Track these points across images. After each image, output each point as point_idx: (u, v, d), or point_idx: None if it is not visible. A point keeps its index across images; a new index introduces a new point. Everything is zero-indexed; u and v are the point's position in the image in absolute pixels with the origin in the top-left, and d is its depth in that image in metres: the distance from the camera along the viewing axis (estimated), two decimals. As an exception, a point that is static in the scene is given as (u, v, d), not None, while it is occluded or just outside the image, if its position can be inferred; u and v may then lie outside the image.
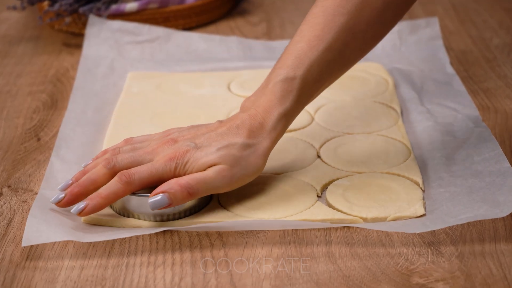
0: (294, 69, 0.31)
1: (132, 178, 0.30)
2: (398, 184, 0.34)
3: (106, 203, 0.30)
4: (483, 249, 0.30)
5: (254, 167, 0.31)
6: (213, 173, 0.30)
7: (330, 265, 0.30)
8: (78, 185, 0.31)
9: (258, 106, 0.32)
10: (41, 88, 0.45)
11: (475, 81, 0.44)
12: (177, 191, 0.30)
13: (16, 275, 0.30)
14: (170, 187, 0.30)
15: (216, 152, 0.30)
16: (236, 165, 0.30)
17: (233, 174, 0.30)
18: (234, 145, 0.30)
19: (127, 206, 0.31)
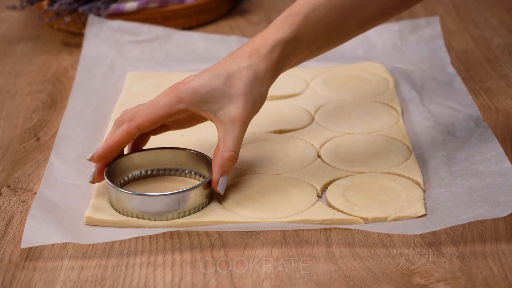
0: (299, 7, 0.32)
1: (135, 115, 0.31)
2: (399, 184, 0.34)
3: (114, 142, 0.32)
4: (484, 249, 0.30)
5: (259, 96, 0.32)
6: (238, 127, 0.31)
7: (330, 265, 0.29)
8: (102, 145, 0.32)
9: (256, 37, 0.33)
10: (41, 88, 0.45)
11: (476, 80, 0.44)
12: (230, 166, 0.31)
13: (15, 275, 0.29)
14: (223, 165, 0.31)
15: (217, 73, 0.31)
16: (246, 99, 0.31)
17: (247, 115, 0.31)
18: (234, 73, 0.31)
19: (131, 206, 0.32)
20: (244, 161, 0.36)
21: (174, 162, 0.34)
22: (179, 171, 0.34)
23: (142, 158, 0.34)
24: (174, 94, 0.31)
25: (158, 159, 0.34)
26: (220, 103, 0.31)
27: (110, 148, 0.32)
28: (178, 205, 0.31)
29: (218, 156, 0.31)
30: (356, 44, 0.48)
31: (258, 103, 0.32)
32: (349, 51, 0.48)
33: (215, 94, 0.31)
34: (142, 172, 0.34)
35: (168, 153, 0.34)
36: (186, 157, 0.34)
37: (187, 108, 0.32)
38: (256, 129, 0.39)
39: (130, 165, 0.34)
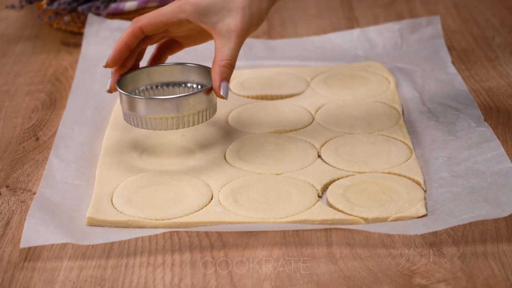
0: None
1: (140, 18, 0.34)
2: (400, 184, 0.34)
3: (122, 43, 0.34)
4: (485, 249, 0.30)
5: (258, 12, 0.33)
6: (234, 38, 0.33)
7: (331, 265, 0.29)
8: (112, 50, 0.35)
9: None
10: (40, 88, 0.45)
11: (477, 80, 0.44)
12: (228, 72, 0.33)
13: (14, 275, 0.29)
14: (221, 72, 0.33)
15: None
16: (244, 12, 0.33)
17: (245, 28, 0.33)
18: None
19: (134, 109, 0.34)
20: (244, 161, 0.36)
21: (185, 76, 0.36)
22: (188, 85, 0.36)
23: (156, 72, 0.36)
24: (177, 4, 0.34)
25: (172, 72, 0.36)
26: (220, 15, 0.33)
27: (119, 50, 0.34)
28: (177, 110, 0.33)
29: (216, 65, 0.33)
30: (357, 44, 0.48)
31: (256, 18, 0.33)
32: (349, 51, 0.48)
33: (215, 6, 0.33)
34: (154, 86, 0.36)
35: (179, 68, 0.36)
36: (196, 72, 0.36)
37: (188, 18, 0.33)
38: (256, 129, 0.39)
39: (145, 77, 0.36)
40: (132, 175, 0.35)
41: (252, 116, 0.40)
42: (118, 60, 0.34)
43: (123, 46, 0.34)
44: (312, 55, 0.47)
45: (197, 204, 0.33)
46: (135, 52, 0.35)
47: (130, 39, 0.34)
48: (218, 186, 0.34)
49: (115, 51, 0.34)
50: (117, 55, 0.34)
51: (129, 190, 0.34)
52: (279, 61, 0.47)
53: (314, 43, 0.48)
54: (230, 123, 0.40)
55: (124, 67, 0.35)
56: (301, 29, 0.51)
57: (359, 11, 0.54)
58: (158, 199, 0.33)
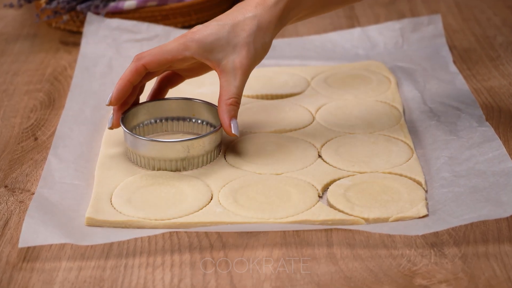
0: None
1: (142, 54, 0.34)
2: (400, 184, 0.34)
3: (125, 81, 0.34)
4: (486, 250, 0.30)
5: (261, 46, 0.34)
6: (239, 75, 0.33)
7: (331, 266, 0.29)
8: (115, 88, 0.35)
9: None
10: (38, 87, 0.45)
11: (478, 79, 0.44)
12: (235, 110, 0.34)
13: (13, 276, 0.29)
14: (228, 110, 0.33)
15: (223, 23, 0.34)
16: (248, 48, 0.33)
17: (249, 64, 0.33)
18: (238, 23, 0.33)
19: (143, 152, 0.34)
20: (244, 161, 0.36)
21: (187, 111, 0.37)
22: (192, 120, 0.37)
23: (157, 107, 0.37)
24: (182, 41, 0.34)
25: (172, 108, 0.37)
26: (224, 52, 0.33)
27: (122, 88, 0.34)
28: (188, 152, 0.33)
29: (222, 103, 0.34)
30: (357, 43, 0.48)
31: (260, 52, 0.34)
32: (350, 50, 0.47)
33: (219, 43, 0.33)
34: (157, 120, 0.37)
35: (182, 103, 0.37)
36: (198, 107, 0.36)
37: (193, 56, 0.34)
38: (256, 128, 0.38)
39: (145, 112, 0.36)
40: (131, 175, 0.35)
41: (252, 116, 0.40)
42: (121, 98, 0.34)
43: (126, 84, 0.34)
44: (312, 55, 0.47)
45: (197, 204, 0.33)
46: (136, 88, 0.36)
47: (133, 77, 0.34)
48: (218, 186, 0.34)
49: (119, 89, 0.34)
50: (121, 93, 0.34)
51: (129, 190, 0.34)
52: (279, 61, 0.46)
53: (315, 42, 0.48)
54: (230, 123, 0.40)
55: (127, 104, 0.35)
56: (301, 28, 0.51)
57: (360, 10, 0.53)
58: (158, 199, 0.33)
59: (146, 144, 0.34)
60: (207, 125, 0.37)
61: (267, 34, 0.34)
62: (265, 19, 0.33)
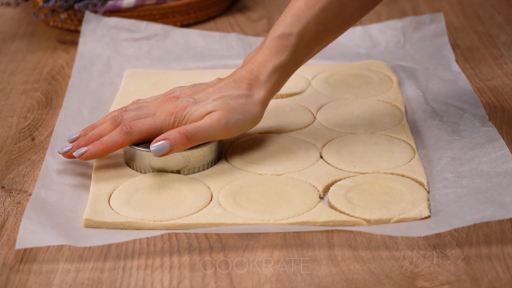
0: (290, 26, 0.34)
1: (132, 129, 0.33)
2: (402, 185, 0.33)
3: (105, 151, 0.33)
4: (489, 251, 0.30)
5: (251, 113, 0.34)
6: (209, 119, 0.33)
7: (332, 268, 0.29)
8: (85, 139, 0.34)
9: (254, 61, 0.34)
10: (36, 86, 0.44)
11: (481, 79, 0.44)
12: (177, 137, 0.32)
13: (10, 278, 0.29)
14: (170, 133, 0.33)
15: (212, 102, 0.33)
16: (232, 111, 0.33)
17: (228, 119, 0.33)
18: (230, 96, 0.33)
19: (144, 163, 0.34)
20: (245, 161, 0.36)
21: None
22: None
23: None
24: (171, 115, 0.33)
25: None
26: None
27: (101, 151, 0.33)
28: (188, 162, 0.33)
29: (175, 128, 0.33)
30: (359, 42, 0.47)
31: (248, 123, 0.34)
32: (351, 49, 0.47)
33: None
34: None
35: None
36: None
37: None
38: (256, 129, 0.38)
39: None
40: (129, 175, 0.35)
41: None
42: (91, 158, 0.33)
43: (104, 150, 0.33)
44: (313, 54, 0.47)
45: (196, 205, 0.33)
46: None
47: (114, 148, 0.33)
48: (218, 187, 0.34)
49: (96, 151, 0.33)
50: (97, 154, 0.33)
51: (127, 191, 0.33)
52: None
53: (315, 41, 0.48)
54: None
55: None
56: (302, 27, 0.51)
57: (361, 9, 0.53)
58: (157, 200, 0.33)
59: (146, 155, 0.33)
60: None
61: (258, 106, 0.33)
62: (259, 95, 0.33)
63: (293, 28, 0.33)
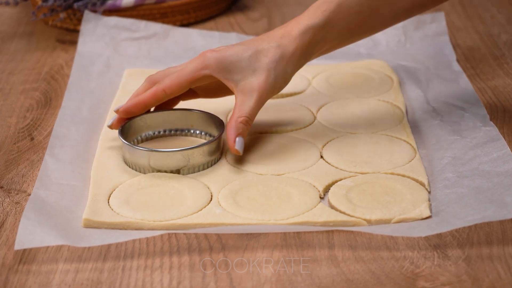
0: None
1: (163, 79, 0.34)
2: (403, 185, 0.33)
3: (141, 102, 0.34)
4: (491, 252, 0.29)
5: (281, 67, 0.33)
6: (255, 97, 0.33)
7: (333, 268, 0.29)
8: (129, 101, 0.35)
9: (290, 21, 0.35)
10: (35, 86, 0.44)
11: (482, 78, 0.44)
12: (244, 129, 0.33)
13: (9, 279, 0.29)
14: (235, 128, 0.33)
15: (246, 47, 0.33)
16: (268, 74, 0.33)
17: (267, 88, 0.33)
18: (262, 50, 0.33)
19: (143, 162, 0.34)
20: (245, 161, 0.35)
21: (185, 122, 0.36)
22: (190, 131, 0.37)
23: (155, 119, 0.36)
24: (201, 60, 0.34)
25: (170, 119, 0.36)
26: (243, 74, 0.33)
27: (136, 106, 0.34)
28: (188, 161, 0.33)
29: (232, 120, 0.34)
30: (359, 41, 0.47)
31: (280, 81, 0.34)
32: (352, 48, 0.47)
33: (239, 65, 0.33)
34: (155, 132, 0.36)
35: (179, 114, 0.36)
36: (197, 118, 0.36)
37: (212, 74, 0.34)
38: (257, 128, 0.38)
39: (143, 125, 0.36)
40: (128, 175, 0.34)
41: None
42: (130, 114, 0.34)
43: (140, 104, 0.34)
44: (313, 53, 0.47)
45: (196, 205, 0.32)
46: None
47: (150, 101, 0.34)
48: (218, 187, 0.34)
49: (131, 105, 0.34)
50: (131, 109, 0.34)
51: (127, 191, 0.33)
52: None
53: (316, 40, 0.48)
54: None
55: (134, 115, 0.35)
56: (302, 26, 0.51)
57: (361, 8, 0.53)
58: (156, 200, 0.33)
59: (146, 154, 0.33)
60: (206, 135, 0.36)
61: (289, 64, 0.33)
62: (289, 50, 0.33)
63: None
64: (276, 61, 0.33)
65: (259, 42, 0.34)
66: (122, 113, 0.34)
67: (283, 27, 0.34)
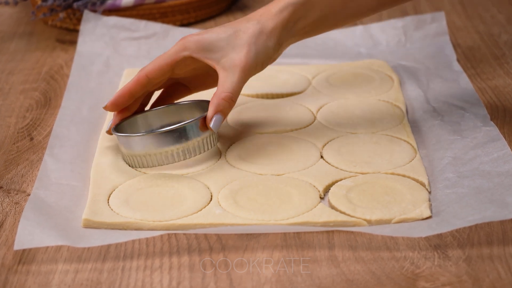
0: None
1: (145, 66, 0.34)
2: (403, 185, 0.33)
3: (125, 90, 0.34)
4: (491, 252, 0.29)
5: (262, 44, 0.33)
6: (238, 73, 0.33)
7: (333, 268, 0.29)
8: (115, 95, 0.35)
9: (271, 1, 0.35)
10: (34, 86, 0.44)
11: (483, 78, 0.44)
12: (225, 106, 0.33)
13: (8, 279, 0.29)
14: (216, 105, 0.33)
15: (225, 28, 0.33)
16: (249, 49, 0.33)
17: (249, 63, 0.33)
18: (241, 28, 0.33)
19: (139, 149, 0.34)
20: (245, 161, 0.35)
21: (178, 116, 0.36)
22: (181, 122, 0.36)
23: (148, 117, 0.36)
24: (181, 43, 0.34)
25: (163, 116, 0.36)
26: (223, 51, 0.33)
27: (121, 96, 0.34)
28: (181, 138, 0.33)
29: (215, 97, 0.33)
30: (360, 41, 0.47)
31: (262, 56, 0.34)
32: (352, 48, 0.47)
33: (219, 44, 0.33)
34: (152, 130, 0.36)
35: (171, 109, 0.36)
36: (188, 108, 0.36)
37: (191, 55, 0.34)
38: (256, 128, 0.38)
39: (136, 124, 0.36)
40: (128, 175, 0.34)
41: (252, 115, 0.39)
42: (119, 105, 0.35)
43: (125, 93, 0.34)
44: (313, 53, 0.46)
45: (196, 205, 0.32)
46: (139, 99, 0.36)
47: (134, 88, 0.34)
48: (218, 187, 0.34)
49: (117, 97, 0.34)
50: (118, 100, 0.34)
51: (127, 191, 0.33)
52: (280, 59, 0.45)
53: (316, 40, 0.47)
54: (230, 123, 0.39)
55: (128, 111, 0.36)
56: (302, 26, 0.51)
57: (362, 8, 0.53)
58: (156, 200, 0.33)
59: (142, 139, 0.33)
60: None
61: (270, 39, 0.33)
62: (268, 25, 0.33)
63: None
64: (256, 36, 0.33)
65: (239, 23, 0.34)
66: (110, 107, 0.34)
67: (263, 7, 0.34)
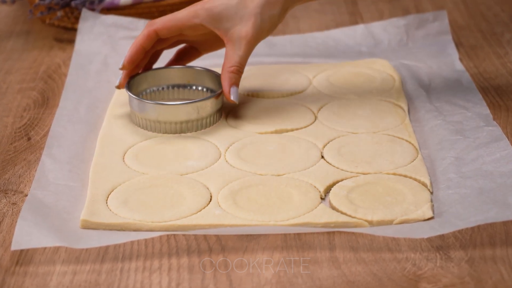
0: None
1: (155, 21, 0.37)
2: (405, 185, 0.33)
3: (137, 46, 0.37)
4: (494, 253, 0.29)
5: (269, 18, 0.36)
6: (244, 45, 0.36)
7: (334, 270, 0.29)
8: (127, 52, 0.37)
9: None
10: (32, 85, 0.44)
11: (485, 78, 0.43)
12: (236, 78, 0.36)
13: (5, 280, 0.29)
14: (230, 78, 0.36)
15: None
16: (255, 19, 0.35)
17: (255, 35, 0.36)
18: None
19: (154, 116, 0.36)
20: (245, 161, 0.35)
21: (182, 78, 0.39)
22: (187, 87, 0.39)
23: (156, 75, 0.39)
24: (192, 9, 0.36)
25: (168, 76, 0.39)
26: (232, 22, 0.36)
27: (134, 52, 0.37)
28: (198, 113, 0.36)
29: (224, 71, 0.36)
30: (361, 40, 0.47)
31: (267, 24, 0.36)
32: (353, 47, 0.47)
33: (228, 12, 0.36)
34: (154, 89, 0.39)
35: (176, 71, 0.39)
36: (193, 74, 0.39)
37: (202, 23, 0.36)
38: (256, 128, 0.38)
39: (145, 81, 0.39)
40: (127, 175, 0.34)
41: (253, 115, 0.39)
42: (134, 62, 0.37)
43: (138, 48, 0.37)
44: (314, 52, 0.46)
45: (195, 206, 0.32)
46: (148, 54, 0.38)
47: (145, 42, 0.36)
48: (218, 187, 0.33)
49: (131, 53, 0.37)
50: (133, 57, 0.37)
51: (125, 192, 0.33)
52: (280, 58, 0.46)
53: (317, 39, 0.47)
54: (230, 122, 0.39)
55: (137, 68, 0.38)
56: (303, 24, 0.50)
57: (363, 6, 0.52)
58: (155, 201, 0.32)
59: (155, 107, 0.36)
60: (207, 91, 0.39)
61: (275, 7, 0.35)
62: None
63: None
64: (262, 6, 0.35)
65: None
66: (127, 65, 0.36)
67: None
